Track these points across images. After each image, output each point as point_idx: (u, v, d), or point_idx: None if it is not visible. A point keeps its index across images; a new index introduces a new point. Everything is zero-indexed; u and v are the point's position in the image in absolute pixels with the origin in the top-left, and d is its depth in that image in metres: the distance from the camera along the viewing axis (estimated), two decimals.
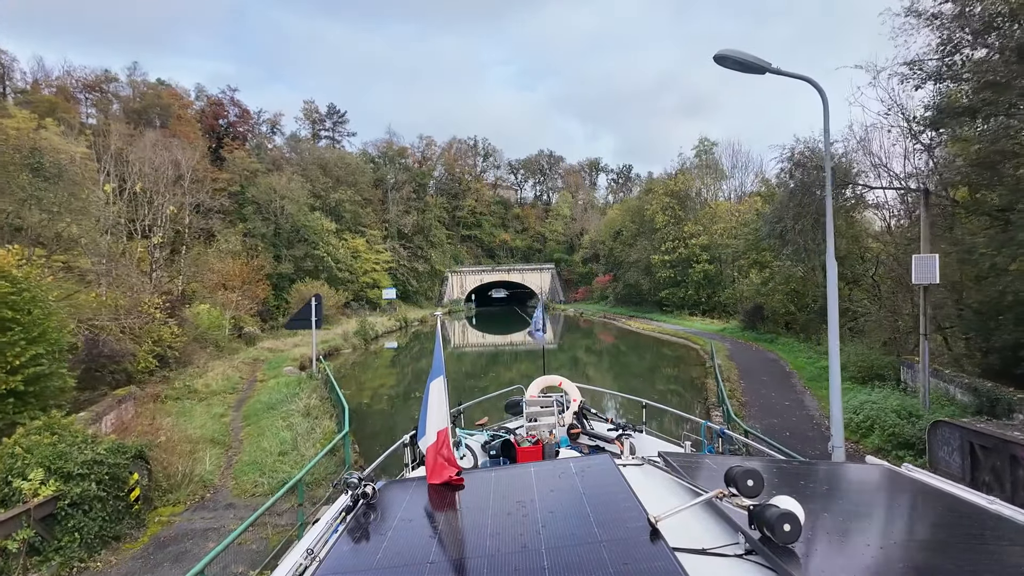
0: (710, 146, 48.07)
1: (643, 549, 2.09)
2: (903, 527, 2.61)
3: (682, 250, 43.04)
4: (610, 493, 2.69)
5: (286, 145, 70.17)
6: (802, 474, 3.46)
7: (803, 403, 15.96)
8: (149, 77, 65.57)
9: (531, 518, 2.53)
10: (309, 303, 21.26)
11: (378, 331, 40.00)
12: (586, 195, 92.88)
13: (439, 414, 3.48)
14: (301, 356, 26.78)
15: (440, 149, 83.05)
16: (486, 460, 6.42)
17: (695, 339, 30.91)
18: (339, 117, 76.55)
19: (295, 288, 45.05)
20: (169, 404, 17.38)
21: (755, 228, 28.82)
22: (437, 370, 3.64)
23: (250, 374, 23.59)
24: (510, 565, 2.11)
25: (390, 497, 3.06)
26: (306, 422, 13.67)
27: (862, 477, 3.25)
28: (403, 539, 2.51)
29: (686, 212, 44.88)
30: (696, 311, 42.42)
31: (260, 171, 56.90)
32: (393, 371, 27.99)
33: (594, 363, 30.32)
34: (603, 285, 65.53)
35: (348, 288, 55.15)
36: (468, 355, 36.30)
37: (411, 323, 52.03)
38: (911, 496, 2.86)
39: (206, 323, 28.76)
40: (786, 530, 1.95)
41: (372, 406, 19.54)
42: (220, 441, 13.13)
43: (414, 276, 66.51)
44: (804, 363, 21.78)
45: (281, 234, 52.36)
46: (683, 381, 22.97)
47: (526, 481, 3.06)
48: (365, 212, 63.72)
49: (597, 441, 6.89)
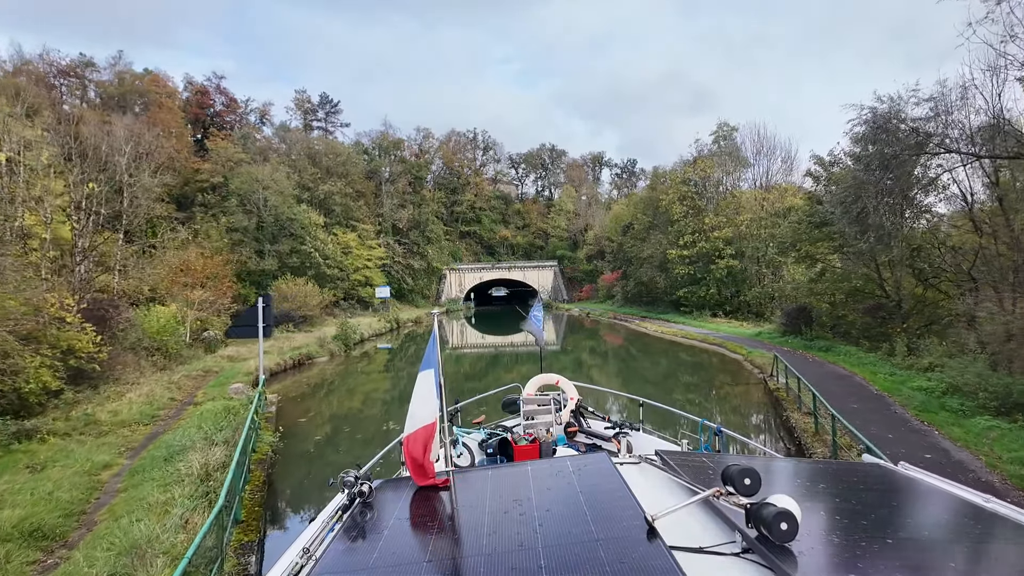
0: (730, 131, 42.78)
1: (640, 547, 2.02)
2: (900, 525, 2.39)
3: (703, 244, 37.75)
4: (607, 491, 2.61)
5: (276, 136, 65.00)
6: (799, 472, 3.41)
7: (943, 450, 10.77)
8: (136, 67, 60.68)
9: (528, 516, 2.45)
10: (256, 305, 16.12)
11: (364, 334, 34.77)
12: (589, 190, 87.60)
13: (424, 409, 3.20)
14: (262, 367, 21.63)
15: (438, 142, 77.77)
16: (483, 458, 6.14)
17: (732, 346, 25.63)
18: (332, 107, 71.34)
19: (275, 286, 39.91)
20: (48, 445, 12.21)
21: (807, 214, 23.63)
22: (429, 363, 3.35)
23: (189, 393, 18.42)
24: (507, 564, 2.04)
25: (386, 496, 2.99)
26: (193, 496, 8.45)
27: (859, 475, 3.08)
28: (400, 538, 2.48)
29: (706, 202, 39.68)
30: (719, 312, 37.18)
31: (245, 161, 51.70)
32: (376, 385, 22.76)
33: (612, 374, 25.09)
34: (609, 283, 60.29)
35: (338, 286, 50.19)
36: (467, 357, 32.58)
37: (404, 324, 46.78)
38: (908, 494, 2.78)
39: (156, 327, 23.61)
40: (783, 528, 1.91)
41: (331, 442, 14.37)
42: (53, 531, 7.95)
43: (410, 273, 61.31)
44: (889, 382, 16.55)
45: (264, 228, 47.25)
46: (739, 408, 17.67)
47: (523, 479, 2.97)
48: (357, 205, 58.52)
49: (594, 439, 6.54)
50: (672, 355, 27.40)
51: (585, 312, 55.80)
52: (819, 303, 25.64)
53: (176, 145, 54.70)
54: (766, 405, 16.65)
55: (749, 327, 32.03)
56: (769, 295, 35.48)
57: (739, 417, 16.42)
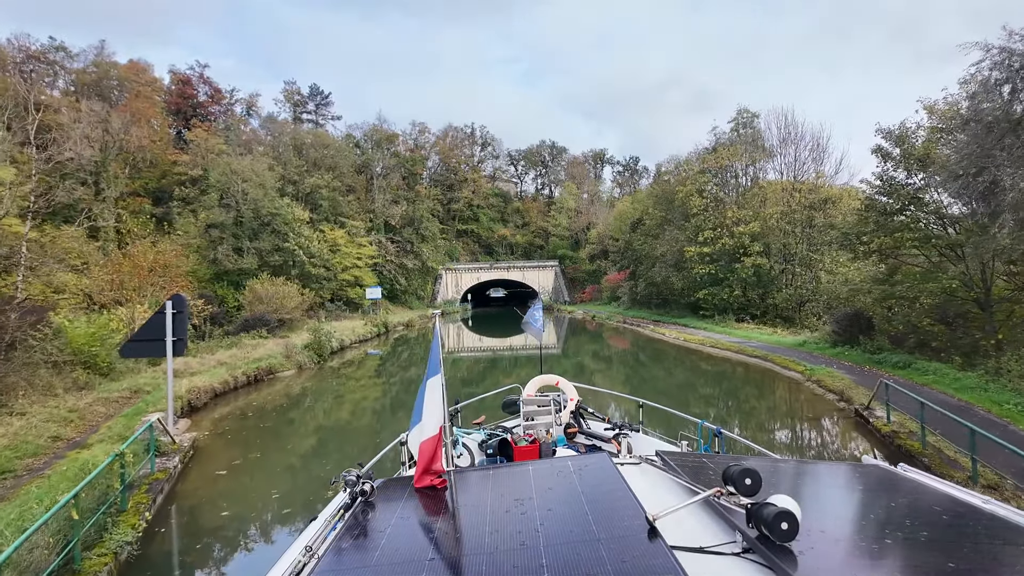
0: (751, 118, 38.08)
1: (641, 547, 1.98)
2: (899, 526, 2.36)
3: (726, 240, 33.00)
4: (608, 491, 2.56)
5: (262, 128, 60.14)
6: (799, 473, 3.36)
7: None
8: (136, 62, 56.04)
9: (529, 516, 2.40)
10: (160, 313, 11.33)
11: (344, 340, 29.97)
12: (591, 187, 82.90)
13: (435, 414, 3.06)
14: (195, 389, 16.84)
15: (435, 137, 72.90)
16: (483, 459, 5.90)
17: (780, 360, 20.74)
18: (323, 99, 66.47)
19: (249, 285, 35.09)
20: None
21: (878, 192, 18.91)
22: (433, 369, 3.16)
23: (89, 427, 13.55)
24: (509, 563, 2.00)
25: (388, 495, 2.93)
26: None
27: (859, 476, 3.01)
28: (402, 536, 2.43)
29: (728, 193, 35.03)
30: (745, 316, 32.44)
31: (226, 152, 46.89)
32: (347, 411, 17.94)
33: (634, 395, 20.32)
34: (614, 284, 55.56)
35: (324, 286, 45.48)
36: (464, 360, 29.25)
37: (393, 328, 41.96)
38: (908, 495, 2.72)
39: (83, 337, 18.80)
40: (784, 528, 1.88)
41: (244, 522, 9.46)
42: None
43: (403, 273, 56.48)
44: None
45: (243, 223, 42.45)
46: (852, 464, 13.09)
47: (524, 479, 2.91)
48: (346, 200, 53.71)
49: (594, 440, 6.25)
50: (703, 370, 22.53)
51: (590, 315, 50.96)
52: (877, 308, 20.99)
53: (151, 135, 50.03)
54: (886, 458, 11.88)
55: (785, 334, 27.30)
56: (801, 298, 30.81)
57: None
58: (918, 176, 18.34)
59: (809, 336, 24.60)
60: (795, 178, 33.33)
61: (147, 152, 46.96)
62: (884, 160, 19.01)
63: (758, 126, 37.56)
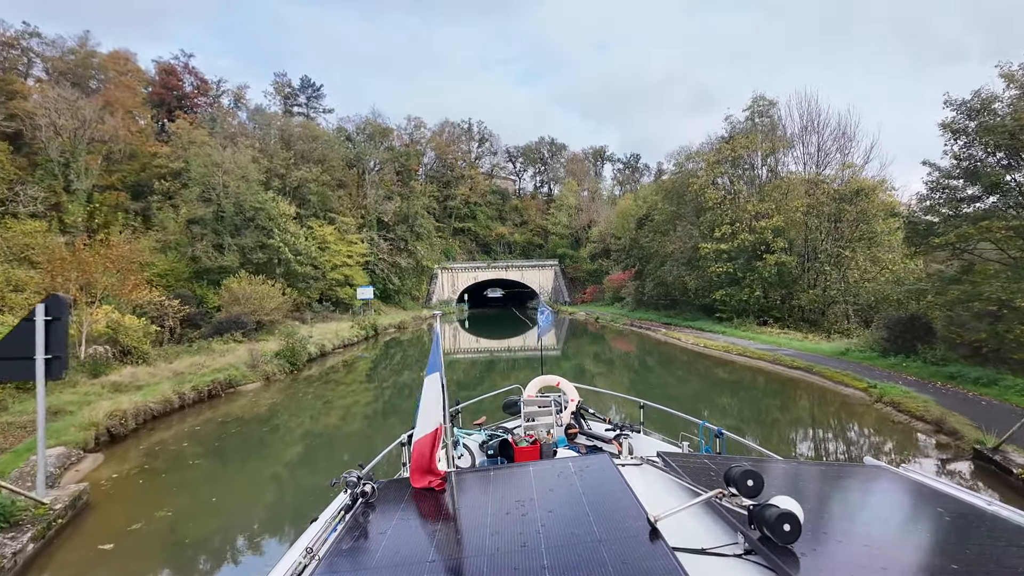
0: (767, 106, 34.83)
1: (643, 548, 1.94)
2: (902, 528, 2.35)
3: (745, 235, 29.72)
4: (609, 492, 2.49)
5: (250, 120, 56.61)
6: (801, 475, 3.24)
7: None
8: (102, 49, 52.50)
9: (530, 517, 2.34)
10: (29, 320, 7.98)
11: (325, 346, 26.60)
12: (592, 185, 79.61)
13: (432, 412, 3.06)
14: (118, 412, 13.43)
15: (430, 132, 69.45)
16: (484, 459, 5.74)
17: (828, 373, 17.20)
18: (314, 91, 63.01)
19: (226, 284, 31.70)
20: None
21: (943, 176, 15.70)
22: (434, 366, 3.14)
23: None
24: (510, 564, 1.96)
25: (389, 496, 2.84)
26: None
27: (861, 478, 2.91)
28: (403, 538, 2.36)
29: (746, 185, 31.77)
30: (767, 319, 29.17)
31: (208, 144, 43.45)
32: (314, 441, 14.55)
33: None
34: (618, 284, 52.26)
35: (311, 286, 42.17)
36: (460, 363, 26.86)
37: (384, 331, 38.57)
38: (910, 497, 2.63)
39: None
40: (786, 530, 1.85)
41: None
42: None
43: (396, 272, 53.10)
44: None
45: (224, 218, 39.05)
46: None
47: (525, 480, 2.84)
48: (336, 196, 50.32)
49: (595, 441, 6.23)
50: (731, 383, 19.19)
51: (593, 316, 47.61)
52: (936, 312, 17.76)
53: (130, 125, 46.57)
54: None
55: (818, 340, 24.03)
56: (830, 299, 27.57)
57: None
58: (998, 154, 15.12)
59: (849, 343, 21.31)
60: (817, 169, 30.10)
61: (124, 144, 43.58)
62: (955, 137, 15.77)
63: (775, 115, 34.34)
